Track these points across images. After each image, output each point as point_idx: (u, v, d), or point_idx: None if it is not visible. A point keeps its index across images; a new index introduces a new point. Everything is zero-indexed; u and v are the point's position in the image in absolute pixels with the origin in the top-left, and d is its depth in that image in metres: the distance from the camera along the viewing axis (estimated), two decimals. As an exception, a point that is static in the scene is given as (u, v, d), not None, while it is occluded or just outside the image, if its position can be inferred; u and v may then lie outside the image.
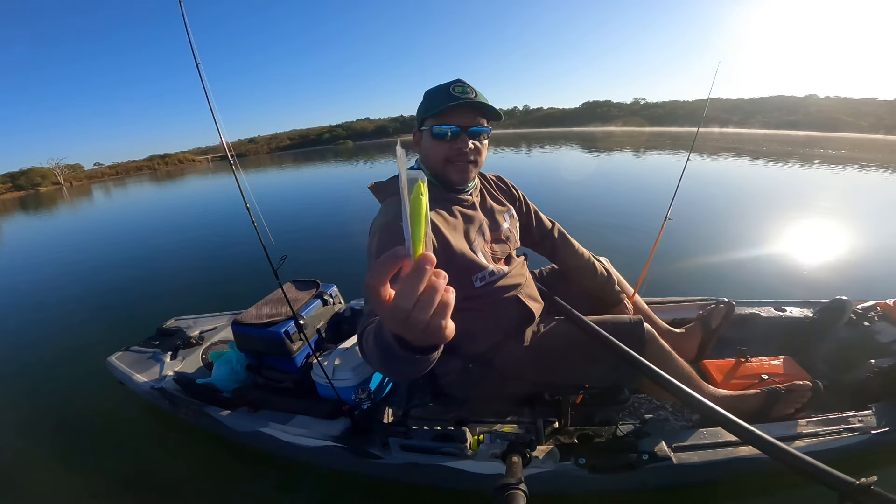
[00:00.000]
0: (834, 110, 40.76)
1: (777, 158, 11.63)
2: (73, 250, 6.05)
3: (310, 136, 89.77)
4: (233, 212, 6.77)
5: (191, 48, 1.05)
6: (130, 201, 15.70)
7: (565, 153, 15.96)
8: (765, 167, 9.81)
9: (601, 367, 1.08)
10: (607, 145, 19.24)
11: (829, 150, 15.09)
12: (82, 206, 16.10)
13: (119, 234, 7.25)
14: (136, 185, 26.85)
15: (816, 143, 19.70)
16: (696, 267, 3.06)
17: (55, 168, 61.58)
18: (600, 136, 29.50)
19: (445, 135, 0.96)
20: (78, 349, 2.56)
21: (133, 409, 1.84)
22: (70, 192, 31.35)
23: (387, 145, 42.68)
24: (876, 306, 1.49)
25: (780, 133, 29.96)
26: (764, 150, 14.44)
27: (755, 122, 42.10)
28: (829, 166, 9.62)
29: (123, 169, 75.33)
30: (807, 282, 2.77)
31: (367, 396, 1.28)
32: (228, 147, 1.19)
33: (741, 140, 22.04)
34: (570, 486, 1.12)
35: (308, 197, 9.42)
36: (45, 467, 1.62)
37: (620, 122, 56.47)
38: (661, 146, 17.38)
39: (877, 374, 1.24)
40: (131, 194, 19.43)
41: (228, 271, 3.98)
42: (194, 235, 6.06)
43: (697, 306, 1.66)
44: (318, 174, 16.16)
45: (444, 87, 0.98)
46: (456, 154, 0.99)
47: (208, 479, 1.51)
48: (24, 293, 4.13)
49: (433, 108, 0.96)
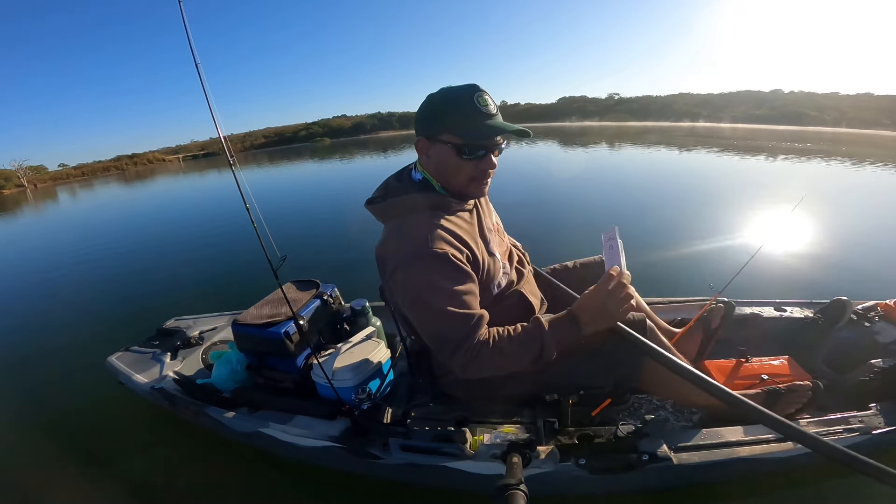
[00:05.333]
0: (798, 104, 40.89)
1: (749, 152, 11.80)
2: (72, 250, 6.05)
3: (285, 133, 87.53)
4: (233, 212, 6.76)
5: (190, 48, 1.04)
6: (127, 200, 15.67)
7: (550, 149, 16.03)
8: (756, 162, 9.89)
9: (602, 367, 1.08)
10: (586, 140, 19.41)
11: (794, 143, 15.53)
12: (79, 205, 16.08)
13: (119, 234, 7.24)
14: (104, 187, 26.07)
15: (782, 136, 20.00)
16: (697, 267, 3.07)
17: (18, 170, 58.84)
18: (579, 132, 29.60)
19: (475, 155, 0.92)
20: (77, 349, 2.57)
21: (133, 409, 1.84)
22: (35, 195, 30.48)
23: (364, 142, 42.56)
24: (876, 306, 1.49)
25: (749, 127, 30.16)
26: (737, 145, 14.66)
27: (724, 116, 42.20)
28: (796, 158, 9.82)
29: (90, 170, 72.40)
30: (807, 282, 2.77)
31: (367, 397, 1.28)
32: (228, 146, 1.19)
33: (712, 134, 22.33)
34: (570, 487, 1.12)
35: (308, 197, 9.41)
36: (44, 467, 1.62)
37: (597, 118, 56.46)
38: (638, 140, 17.51)
39: (877, 374, 1.24)
40: (127, 193, 19.37)
41: (228, 271, 3.97)
42: (194, 235, 6.05)
43: (697, 306, 1.66)
44: (315, 172, 16.16)
45: (468, 99, 0.89)
46: (482, 174, 0.96)
47: (208, 479, 1.51)
48: (23, 293, 4.12)
49: (464, 128, 0.89)
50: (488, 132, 0.89)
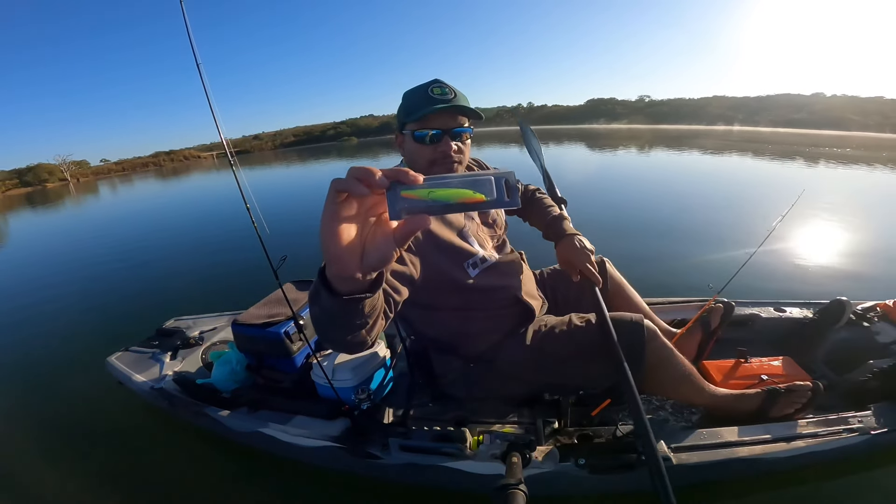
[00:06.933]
0: (841, 108, 40.49)
1: (785, 156, 11.63)
2: (72, 249, 6.05)
3: (314, 132, 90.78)
4: (233, 212, 6.76)
5: (191, 48, 1.05)
6: (130, 199, 15.71)
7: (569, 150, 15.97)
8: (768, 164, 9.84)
9: (602, 368, 1.08)
10: (611, 143, 19.24)
11: (833, 147, 15.18)
12: (82, 204, 16.09)
13: (119, 234, 7.24)
14: (141, 182, 27.05)
15: (822, 141, 19.70)
16: (697, 267, 3.07)
17: (62, 164, 62.33)
18: (604, 134, 29.47)
19: (426, 139, 0.96)
20: (77, 349, 2.56)
21: (132, 409, 1.83)
22: (77, 189, 31.69)
23: (390, 142, 43.18)
24: (876, 307, 1.50)
25: (787, 131, 29.87)
26: (770, 149, 14.46)
27: (761, 119, 41.81)
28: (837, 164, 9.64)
29: (129, 165, 76.21)
30: (807, 282, 2.77)
31: (367, 397, 1.28)
32: (229, 146, 1.19)
33: (748, 138, 22.11)
34: (569, 487, 1.12)
35: (308, 197, 9.41)
36: (43, 467, 1.61)
37: (626, 120, 55.97)
38: (669, 144, 17.34)
39: (877, 375, 1.24)
40: (133, 191, 19.51)
41: (228, 271, 3.97)
42: (194, 235, 6.06)
43: (697, 306, 1.66)
44: (318, 172, 16.17)
45: (423, 89, 0.97)
46: (440, 157, 0.98)
47: (208, 479, 1.51)
48: (22, 293, 4.12)
49: (413, 113, 0.96)
50: (428, 108, 0.94)
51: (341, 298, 0.47)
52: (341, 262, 0.39)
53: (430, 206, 0.33)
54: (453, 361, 1.14)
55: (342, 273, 0.41)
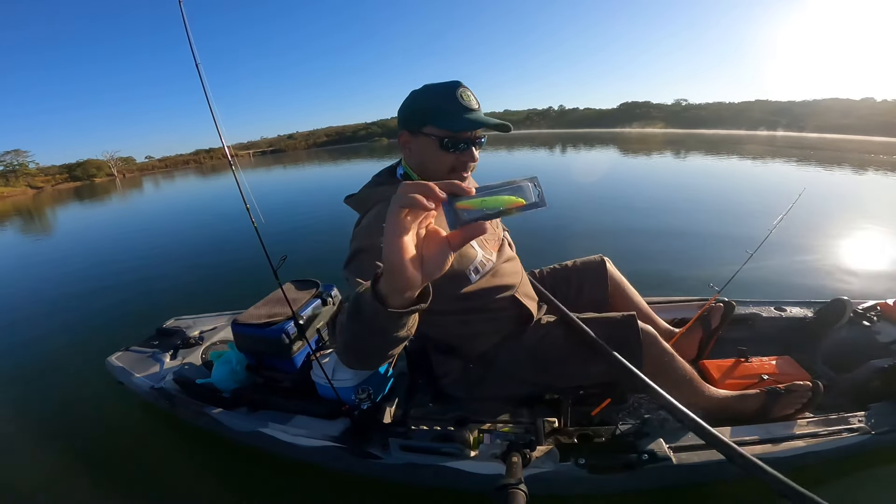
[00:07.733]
0: (892, 113, 39.10)
1: (832, 163, 11.22)
2: (73, 248, 6.05)
3: (346, 132, 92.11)
4: (233, 212, 6.77)
5: (190, 48, 1.05)
6: (135, 200, 15.71)
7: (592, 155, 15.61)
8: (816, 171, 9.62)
9: (601, 368, 1.08)
10: (644, 148, 18.75)
11: (881, 154, 14.66)
12: (84, 204, 16.10)
13: (119, 234, 7.25)
14: (181, 179, 28.10)
15: (869, 147, 19.10)
16: (697, 266, 3.07)
17: (109, 160, 65.64)
18: (635, 139, 29.02)
19: (458, 147, 0.92)
20: (77, 349, 2.56)
21: (132, 409, 1.84)
22: (122, 183, 33.31)
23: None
24: (876, 306, 1.49)
25: (834, 137, 28.64)
26: (814, 156, 13.97)
27: (807, 125, 40.56)
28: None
29: (172, 162, 79.01)
30: (807, 282, 2.77)
31: (367, 397, 1.28)
32: (228, 148, 1.20)
33: (792, 144, 21.61)
34: (569, 486, 1.12)
35: (309, 197, 9.41)
36: (43, 467, 1.61)
37: (661, 124, 54.69)
38: (708, 149, 16.74)
39: (877, 374, 1.24)
40: (167, 189, 19.82)
41: (228, 271, 3.97)
42: (195, 235, 6.06)
43: (697, 306, 1.66)
44: (318, 172, 16.15)
45: (449, 93, 0.91)
46: (462, 165, 0.96)
47: (208, 479, 1.51)
48: (22, 292, 4.12)
49: (444, 119, 0.90)
50: (470, 124, 0.90)
51: (396, 312, 0.46)
52: (406, 274, 0.40)
53: (486, 214, 0.37)
54: (453, 362, 1.14)
55: (408, 285, 0.42)
